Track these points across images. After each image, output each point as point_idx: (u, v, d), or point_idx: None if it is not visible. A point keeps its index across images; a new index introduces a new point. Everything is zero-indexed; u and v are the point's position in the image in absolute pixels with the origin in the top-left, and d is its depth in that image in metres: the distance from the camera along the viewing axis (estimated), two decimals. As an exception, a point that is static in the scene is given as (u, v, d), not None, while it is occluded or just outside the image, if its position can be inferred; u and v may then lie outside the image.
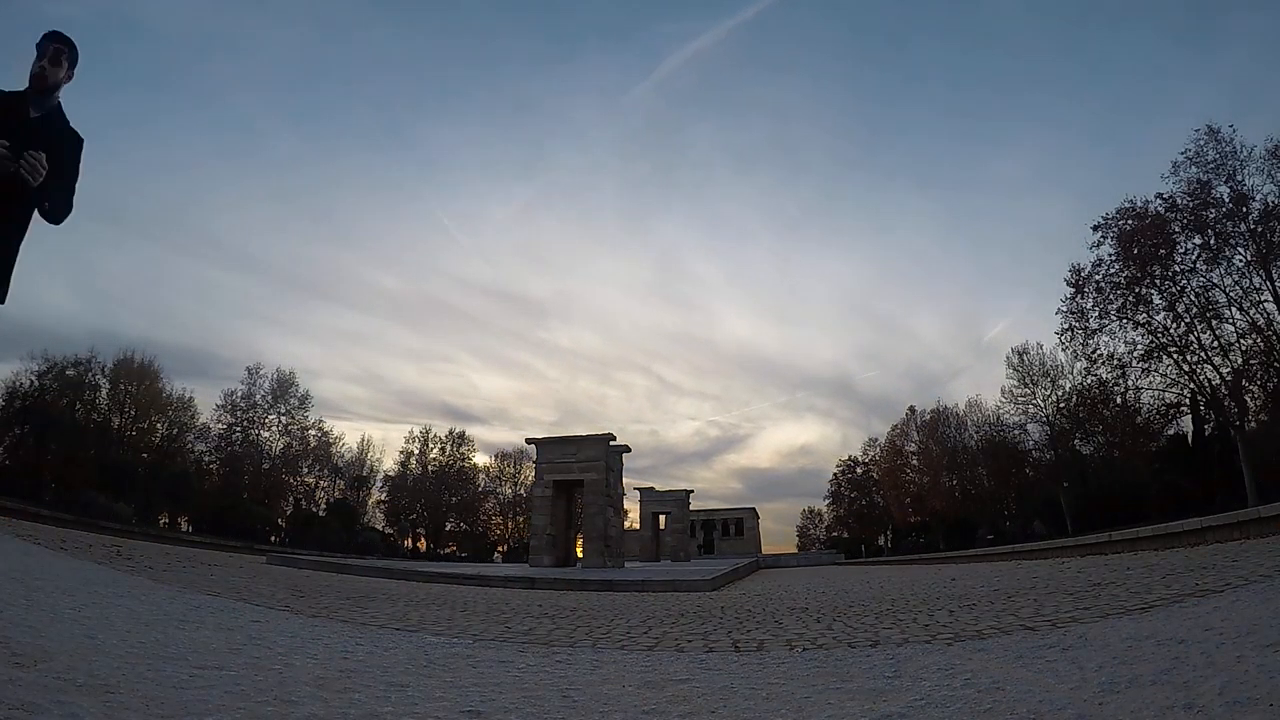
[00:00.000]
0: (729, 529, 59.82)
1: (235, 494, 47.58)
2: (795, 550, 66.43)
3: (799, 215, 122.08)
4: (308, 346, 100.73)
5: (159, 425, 48.75)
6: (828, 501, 69.18)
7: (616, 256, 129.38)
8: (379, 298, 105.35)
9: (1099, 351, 32.01)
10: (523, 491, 59.03)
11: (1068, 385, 40.96)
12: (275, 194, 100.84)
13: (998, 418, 47.54)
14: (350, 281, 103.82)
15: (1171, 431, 37.32)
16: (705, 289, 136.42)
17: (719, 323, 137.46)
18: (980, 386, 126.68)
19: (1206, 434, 36.21)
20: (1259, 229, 27.21)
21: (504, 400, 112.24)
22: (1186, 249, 29.09)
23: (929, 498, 51.93)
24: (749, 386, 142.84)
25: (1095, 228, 30.82)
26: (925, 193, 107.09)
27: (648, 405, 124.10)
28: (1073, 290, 32.07)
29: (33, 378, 42.24)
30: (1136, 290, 30.12)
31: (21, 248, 3.18)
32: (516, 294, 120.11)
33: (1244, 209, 27.49)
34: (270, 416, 53.60)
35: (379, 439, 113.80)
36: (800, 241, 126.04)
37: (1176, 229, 29.08)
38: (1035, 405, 43.82)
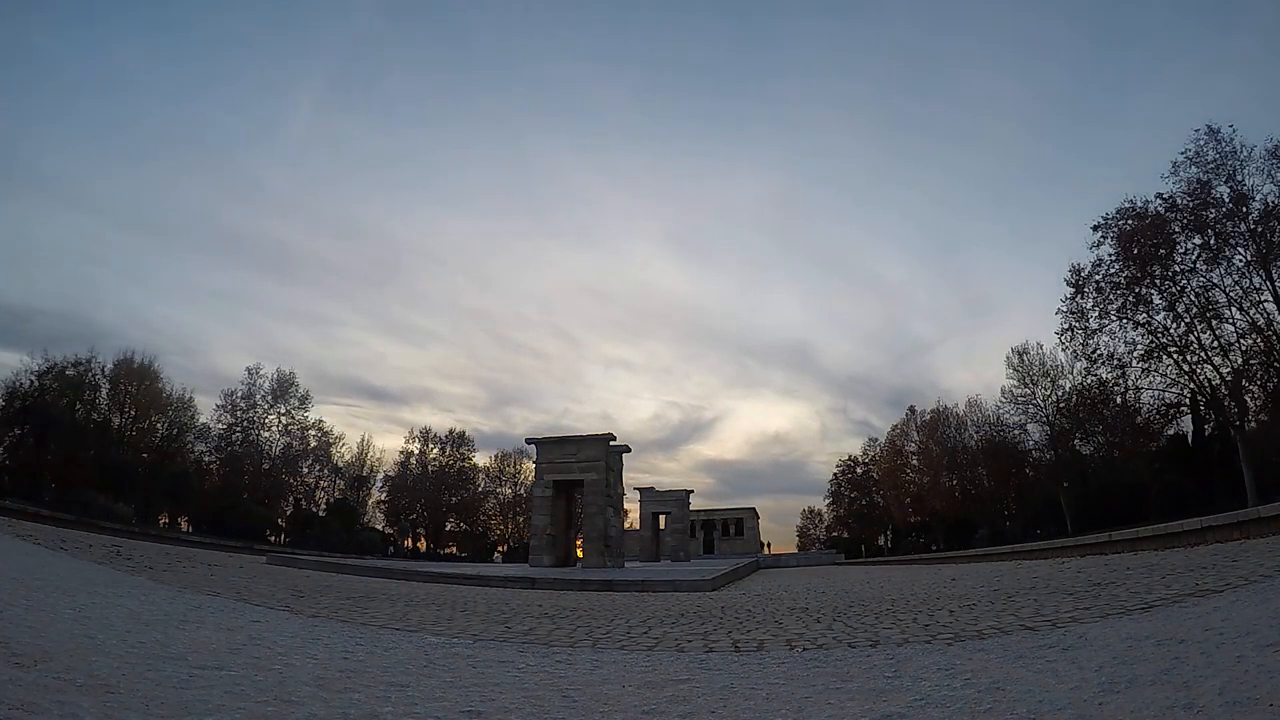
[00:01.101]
0: (729, 529, 59.84)
1: (235, 494, 47.56)
2: (795, 550, 66.46)
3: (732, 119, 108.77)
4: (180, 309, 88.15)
5: (159, 425, 48.72)
6: (828, 501, 69.22)
7: (490, 181, 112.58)
8: (229, 238, 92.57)
9: (1099, 351, 32.02)
10: (523, 491, 59.03)
11: (1068, 385, 40.99)
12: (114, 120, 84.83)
13: (998, 418, 47.54)
14: (205, 223, 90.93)
15: (1171, 431, 37.32)
16: (613, 222, 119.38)
17: (643, 270, 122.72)
18: (970, 359, 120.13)
19: (1206, 434, 36.20)
20: (1259, 229, 27.21)
21: (419, 374, 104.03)
22: (1186, 249, 29.10)
23: (929, 498, 51.91)
24: (692, 355, 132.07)
25: (1095, 228, 30.84)
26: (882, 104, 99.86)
27: (579, 380, 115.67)
28: (1073, 290, 32.08)
29: (33, 378, 42.23)
30: (1136, 290, 30.11)
31: None
32: (375, 230, 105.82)
33: (1244, 209, 27.49)
34: (270, 416, 53.64)
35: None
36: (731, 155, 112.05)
37: (1176, 229, 29.08)
38: (1035, 405, 43.82)
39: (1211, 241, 28.32)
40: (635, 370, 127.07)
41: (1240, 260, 28.18)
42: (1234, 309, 28.80)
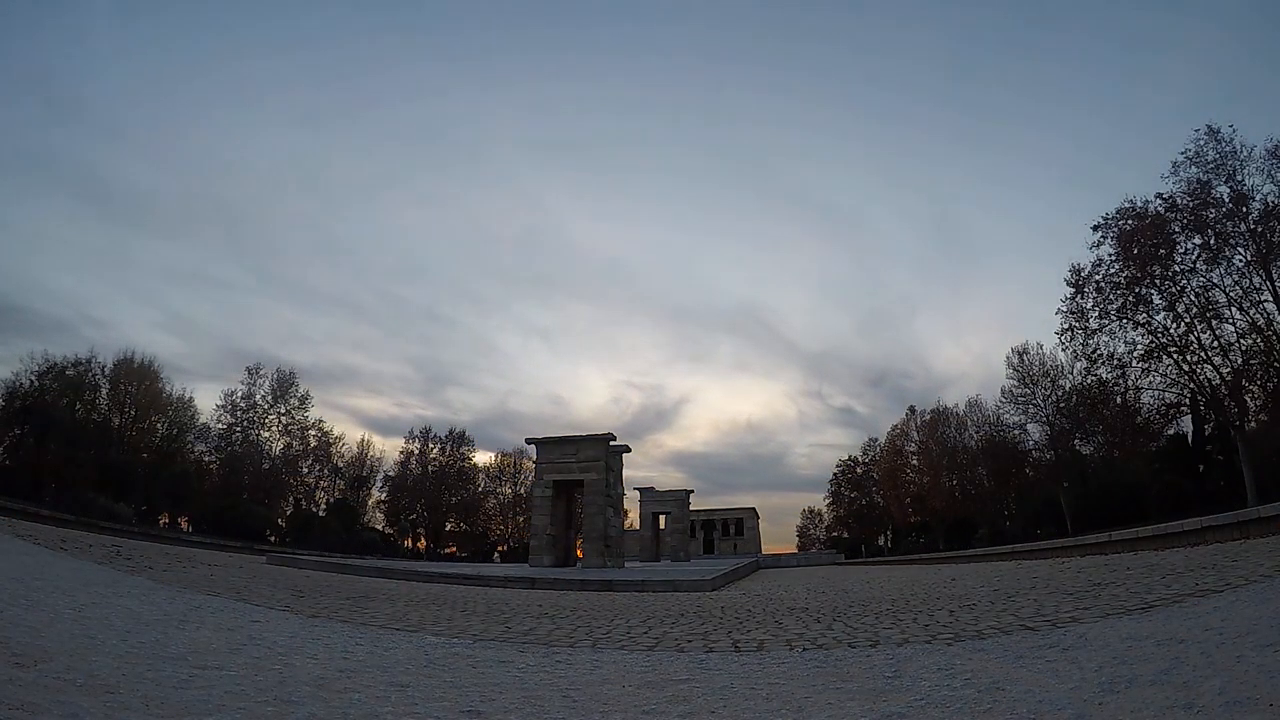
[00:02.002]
0: (729, 529, 59.86)
1: (235, 494, 47.53)
2: (795, 550, 66.48)
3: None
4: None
5: (159, 425, 48.71)
6: (827, 501, 69.27)
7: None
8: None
9: (1099, 351, 31.99)
10: (523, 491, 59.03)
11: (1068, 385, 40.97)
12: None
13: (998, 418, 47.56)
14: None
15: (1171, 431, 37.29)
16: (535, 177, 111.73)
17: (545, 209, 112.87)
18: (958, 327, 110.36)
19: (1206, 434, 36.21)
20: (1259, 229, 27.20)
21: (337, 349, 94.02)
22: (1186, 249, 29.08)
23: (929, 498, 51.90)
24: (618, 320, 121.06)
25: (1095, 228, 30.83)
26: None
27: (494, 350, 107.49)
28: (1073, 290, 32.06)
29: (33, 378, 42.24)
30: (1136, 290, 30.10)
31: None
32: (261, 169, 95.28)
33: (1244, 209, 27.48)
34: (270, 416, 53.63)
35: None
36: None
37: (1176, 229, 29.06)
38: (1035, 405, 43.82)
39: (1211, 241, 28.31)
40: (555, 338, 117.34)
41: (1240, 260, 28.18)
42: (1234, 309, 28.80)
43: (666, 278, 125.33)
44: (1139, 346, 30.87)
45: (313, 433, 55.42)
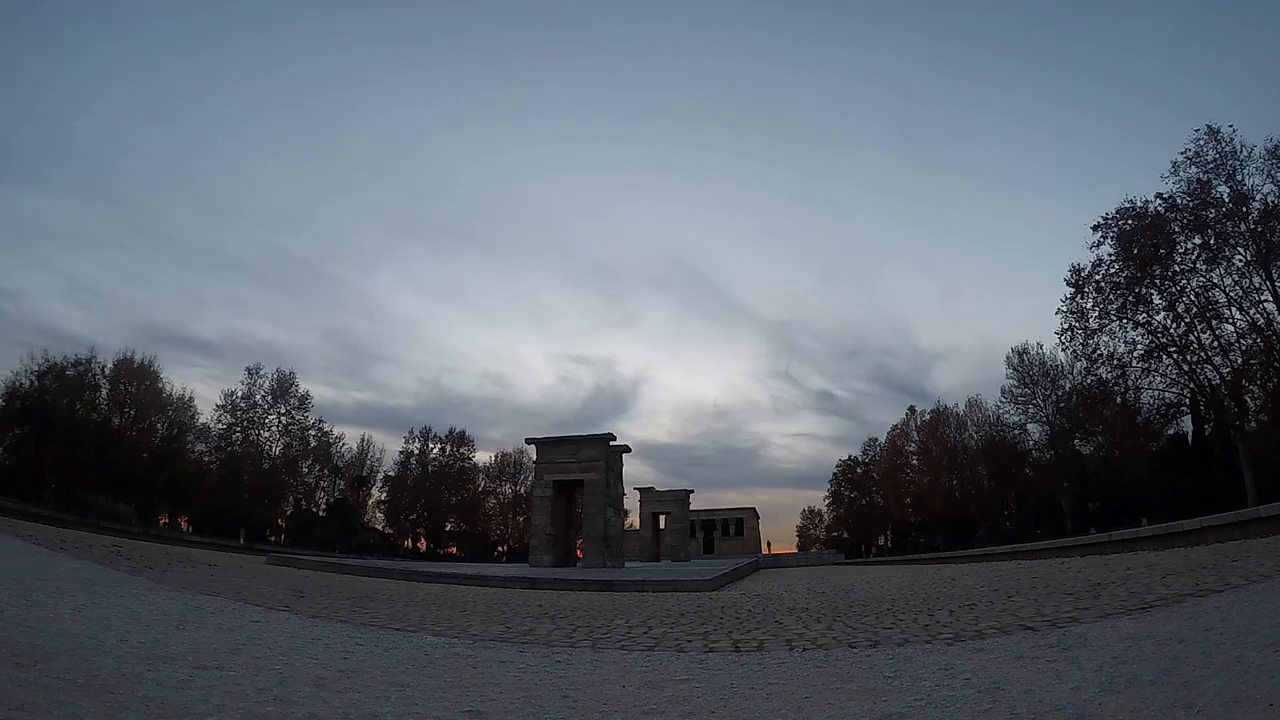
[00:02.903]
0: (729, 529, 59.84)
1: (235, 494, 47.53)
2: (795, 550, 66.48)
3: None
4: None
5: (159, 425, 48.72)
6: (827, 501, 69.27)
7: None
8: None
9: (1099, 351, 32.02)
10: (523, 491, 59.03)
11: (1068, 385, 40.99)
12: None
13: (998, 418, 47.58)
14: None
15: (1171, 431, 37.30)
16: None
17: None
18: (944, 291, 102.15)
19: (1206, 434, 36.20)
20: (1259, 229, 27.20)
21: (241, 317, 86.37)
22: (1186, 249, 29.09)
23: (929, 498, 51.91)
24: (509, 274, 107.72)
25: (1095, 228, 30.83)
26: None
27: (389, 318, 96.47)
28: (1073, 290, 32.07)
29: (33, 378, 42.27)
30: (1136, 290, 30.10)
31: None
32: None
33: (1244, 209, 27.48)
34: (270, 416, 53.63)
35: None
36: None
37: (1176, 229, 29.07)
38: (1035, 405, 43.84)
39: (1211, 241, 28.32)
40: (470, 301, 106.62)
41: (1240, 260, 28.19)
42: (1234, 309, 28.82)
43: (579, 222, 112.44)
44: (1139, 346, 30.91)
45: (312, 433, 55.44)
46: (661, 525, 45.27)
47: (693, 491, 45.04)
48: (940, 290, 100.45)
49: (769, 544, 59.34)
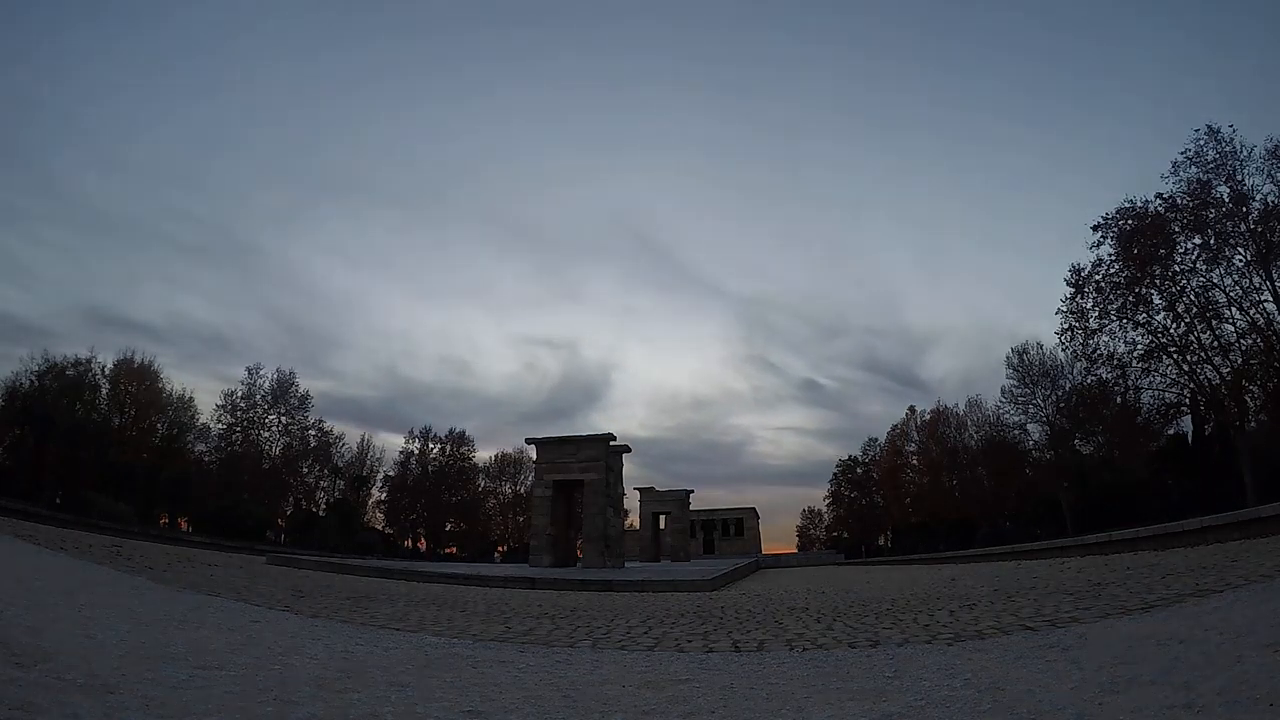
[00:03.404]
0: (729, 529, 59.82)
1: (235, 494, 47.52)
2: (795, 550, 66.47)
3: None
4: None
5: (159, 425, 48.71)
6: (827, 501, 69.25)
7: None
8: None
9: (1099, 351, 32.01)
10: (523, 491, 59.01)
11: (1068, 385, 40.99)
12: None
13: (998, 418, 47.56)
14: None
15: (1171, 431, 37.28)
16: None
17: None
18: (936, 263, 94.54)
19: (1206, 434, 36.17)
20: (1259, 229, 27.19)
21: (173, 297, 78.60)
22: (1186, 249, 29.09)
23: (929, 498, 51.92)
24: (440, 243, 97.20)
25: (1095, 228, 30.83)
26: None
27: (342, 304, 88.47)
28: (1073, 290, 32.07)
29: (33, 378, 42.27)
30: (1136, 290, 30.10)
31: None
32: None
33: (1244, 209, 27.47)
34: (270, 416, 53.61)
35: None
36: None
37: (1176, 229, 29.06)
38: (1035, 405, 43.83)
39: (1211, 241, 28.31)
40: (389, 268, 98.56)
41: (1240, 260, 28.18)
42: (1234, 309, 28.80)
43: (504, 181, 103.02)
44: (1139, 346, 30.90)
45: (312, 433, 55.44)
46: (661, 525, 45.28)
47: (692, 491, 45.08)
48: (921, 254, 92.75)
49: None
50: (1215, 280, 28.78)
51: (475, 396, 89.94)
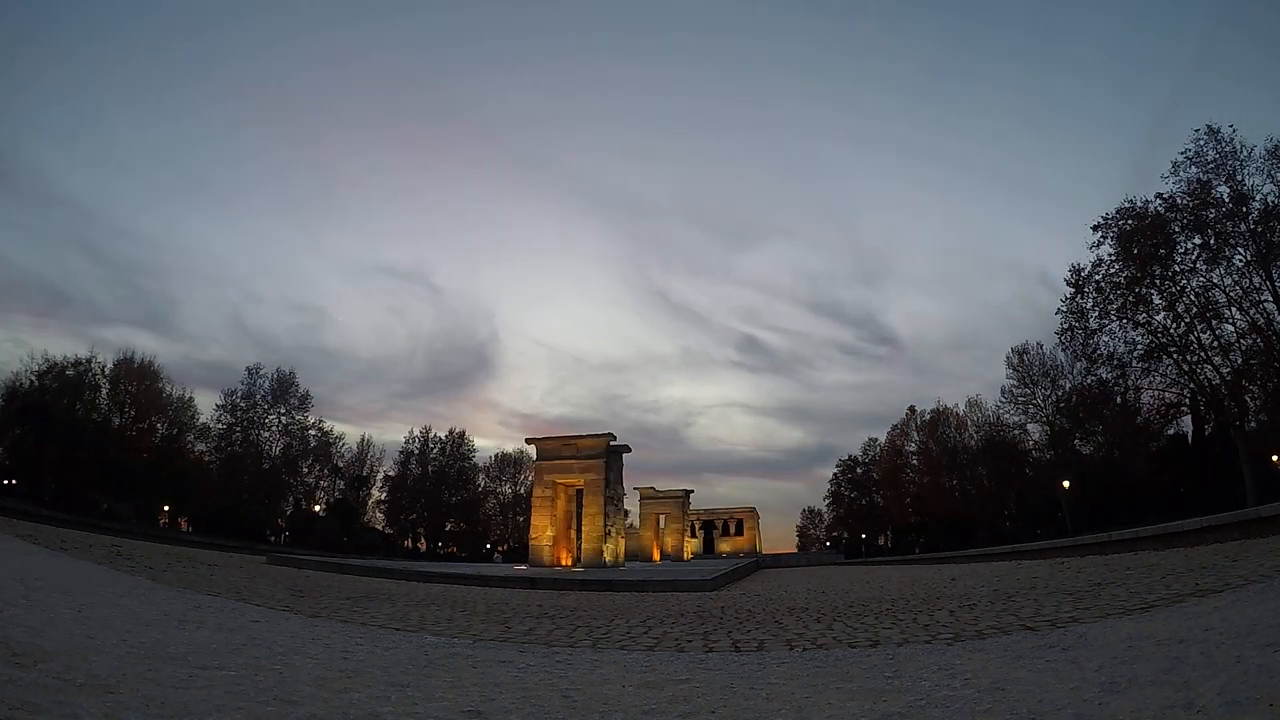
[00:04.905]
0: (729, 529, 59.83)
1: (235, 494, 47.54)
2: (795, 550, 66.46)
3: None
4: None
5: (159, 425, 48.74)
6: (827, 501, 69.26)
7: None
8: None
9: (1099, 351, 32.02)
10: (523, 491, 59.05)
11: (1068, 385, 41.01)
12: None
13: (998, 418, 47.60)
14: None
15: (1171, 431, 37.30)
16: None
17: None
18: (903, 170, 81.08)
19: (1206, 434, 36.18)
20: (1259, 229, 27.20)
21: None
22: (1186, 249, 29.10)
23: (929, 498, 51.93)
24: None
25: (1095, 228, 30.84)
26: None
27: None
28: (1073, 290, 32.08)
29: (33, 378, 42.31)
30: (1136, 290, 30.10)
31: None
32: None
33: (1244, 209, 27.48)
34: (270, 416, 53.63)
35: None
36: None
37: (1176, 229, 29.07)
38: (1035, 405, 43.85)
39: (1211, 241, 28.32)
40: (182, 176, 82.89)
41: (1240, 260, 28.19)
42: (1234, 309, 28.81)
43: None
44: (1139, 346, 30.91)
45: (313, 433, 55.47)
46: (661, 525, 45.30)
47: (692, 491, 45.11)
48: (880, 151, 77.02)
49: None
50: (1215, 280, 28.81)
51: (347, 360, 77.92)
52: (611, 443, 25.71)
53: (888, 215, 72.70)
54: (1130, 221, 29.88)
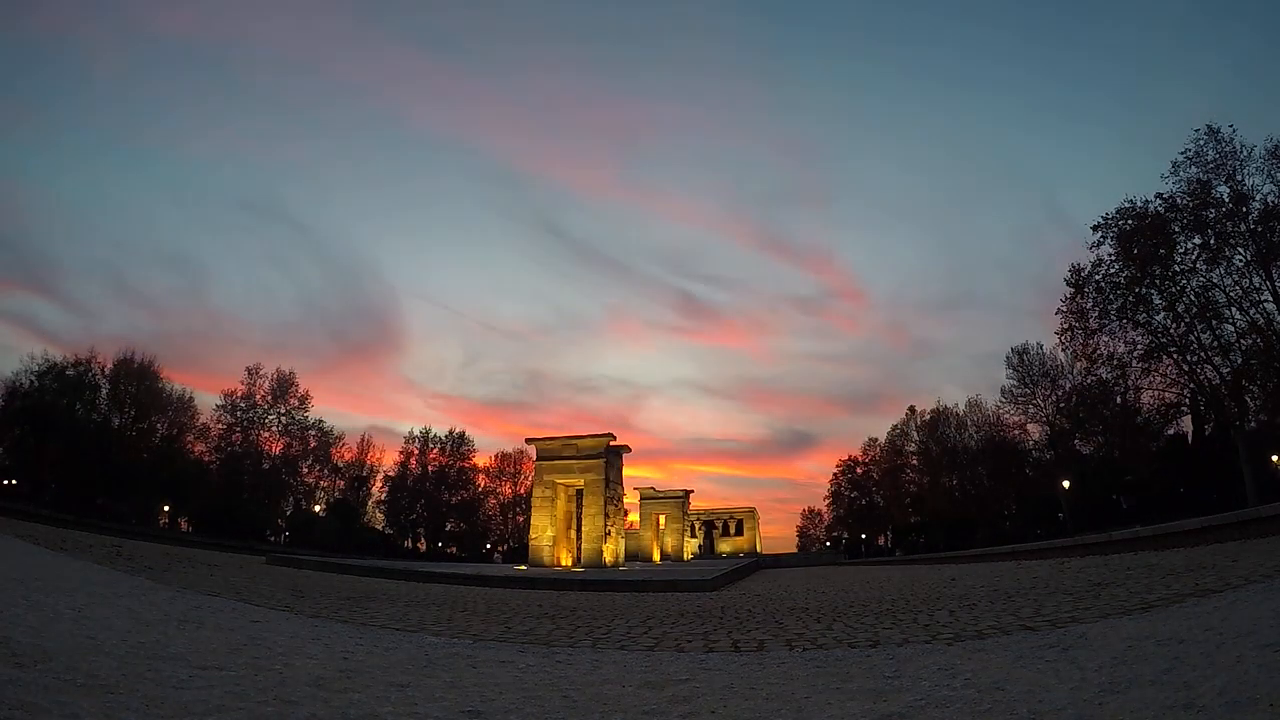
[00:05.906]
0: (729, 529, 59.85)
1: (235, 494, 47.51)
2: (795, 550, 66.45)
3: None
4: None
5: (159, 425, 48.70)
6: (827, 501, 69.26)
7: None
8: None
9: (1099, 351, 31.99)
10: (523, 491, 59.01)
11: (1068, 385, 40.99)
12: None
13: (998, 418, 47.56)
14: None
15: (1171, 431, 37.29)
16: None
17: None
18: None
19: (1206, 434, 36.18)
20: (1259, 229, 27.19)
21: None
22: (1186, 249, 29.08)
23: (929, 498, 51.91)
24: None
25: (1095, 228, 30.82)
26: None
27: None
28: (1073, 290, 32.05)
29: (33, 378, 42.29)
30: (1136, 290, 30.09)
31: None
32: None
33: (1244, 209, 27.47)
34: (270, 416, 53.59)
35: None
36: None
37: (1176, 229, 29.06)
38: (1035, 405, 43.84)
39: (1211, 241, 28.31)
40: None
41: (1240, 260, 28.18)
42: (1234, 309, 28.80)
43: None
44: (1139, 346, 30.88)
45: (312, 433, 55.43)
46: (661, 525, 45.32)
47: (691, 492, 45.14)
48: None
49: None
50: (1215, 280, 28.80)
51: (241, 328, 70.12)
52: (611, 443, 25.73)
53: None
54: (1130, 221, 29.87)
